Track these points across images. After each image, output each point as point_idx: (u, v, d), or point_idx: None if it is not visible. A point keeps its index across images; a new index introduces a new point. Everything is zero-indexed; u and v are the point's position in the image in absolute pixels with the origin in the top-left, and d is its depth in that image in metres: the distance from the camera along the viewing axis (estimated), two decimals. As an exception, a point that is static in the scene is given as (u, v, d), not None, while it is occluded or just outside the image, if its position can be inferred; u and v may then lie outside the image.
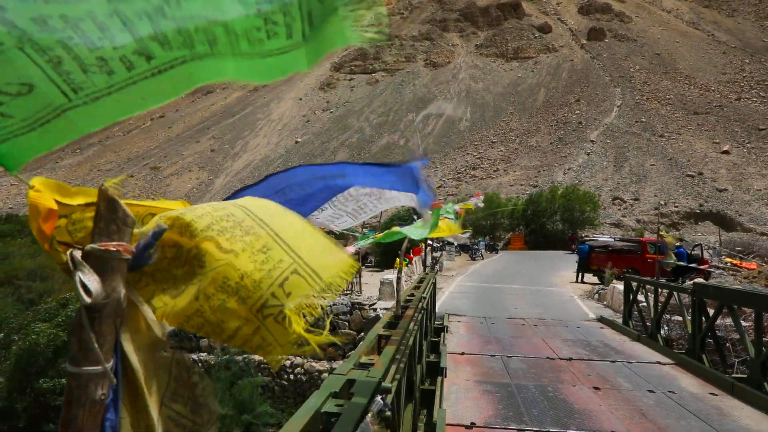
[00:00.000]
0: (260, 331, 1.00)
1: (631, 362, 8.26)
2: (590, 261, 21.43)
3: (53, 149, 1.04)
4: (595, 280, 21.04)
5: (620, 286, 14.38)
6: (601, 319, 12.60)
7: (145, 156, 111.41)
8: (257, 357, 15.11)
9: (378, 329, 3.27)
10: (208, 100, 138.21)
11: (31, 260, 26.98)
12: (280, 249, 1.05)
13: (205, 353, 15.76)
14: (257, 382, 14.05)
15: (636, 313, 11.25)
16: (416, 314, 4.40)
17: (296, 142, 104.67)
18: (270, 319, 0.99)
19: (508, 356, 8.53)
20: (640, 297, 11.16)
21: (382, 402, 2.01)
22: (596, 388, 6.75)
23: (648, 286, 10.66)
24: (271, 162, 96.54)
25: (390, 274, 17.36)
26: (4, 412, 11.62)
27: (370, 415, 1.87)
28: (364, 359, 2.48)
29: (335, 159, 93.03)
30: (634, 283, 11.34)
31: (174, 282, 0.99)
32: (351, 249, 3.49)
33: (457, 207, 7.07)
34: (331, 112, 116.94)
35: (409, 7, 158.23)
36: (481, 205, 8.76)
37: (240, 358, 14.79)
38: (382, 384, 2.12)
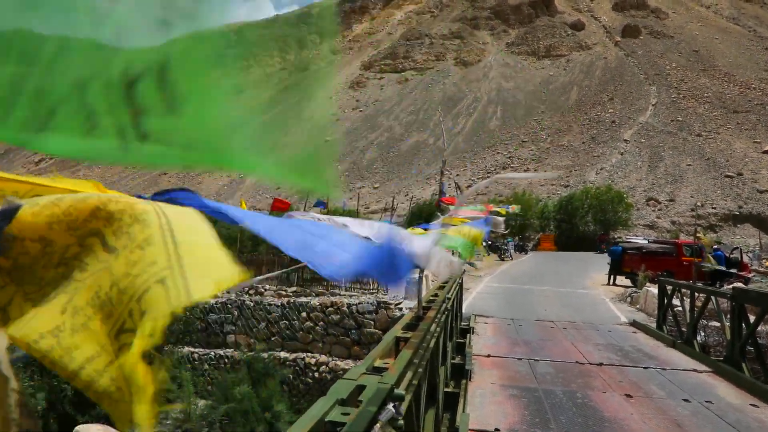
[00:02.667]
0: (110, 368, 0.71)
1: (665, 369, 7.91)
2: (623, 263, 20.86)
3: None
4: (628, 282, 20.49)
5: (654, 289, 13.92)
6: (634, 323, 12.19)
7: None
8: (282, 354, 15.17)
9: (396, 331, 3.12)
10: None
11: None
12: (162, 245, 0.77)
13: (231, 349, 15.86)
14: (280, 376, 14.07)
15: (671, 317, 10.84)
16: (439, 315, 4.24)
17: (325, 141, 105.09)
18: (125, 352, 0.70)
19: (535, 360, 8.28)
20: (675, 301, 10.74)
21: (393, 410, 1.86)
22: (628, 396, 6.47)
23: (684, 290, 10.25)
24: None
25: (417, 274, 17.17)
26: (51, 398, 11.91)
27: (378, 425, 1.73)
28: (378, 363, 2.34)
29: (364, 158, 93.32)
30: (669, 287, 10.92)
31: (40, 286, 0.77)
32: None
33: (506, 208, 7.00)
34: (360, 110, 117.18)
35: (439, 6, 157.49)
36: (516, 211, 8.64)
37: (265, 355, 14.84)
38: (395, 391, 1.98)
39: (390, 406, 1.87)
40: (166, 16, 0.94)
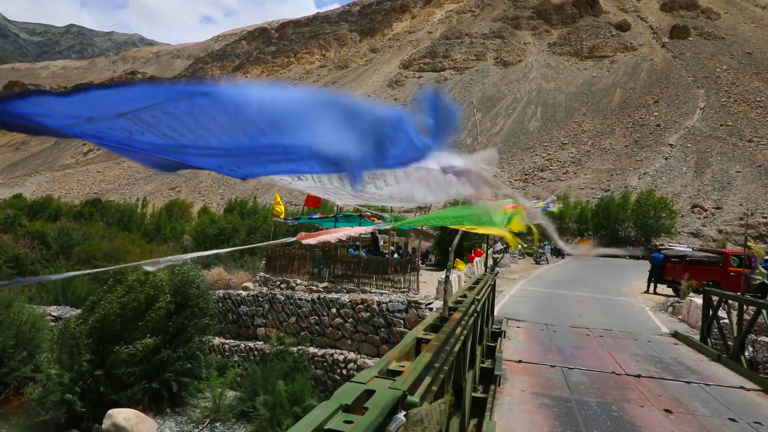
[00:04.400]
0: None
1: (709, 385, 7.46)
2: (665, 271, 20.07)
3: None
4: (670, 291, 19.70)
5: (698, 299, 13.28)
6: (676, 335, 11.63)
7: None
8: (311, 349, 15.14)
9: (417, 331, 2.91)
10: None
11: (109, 242, 28.52)
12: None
13: (261, 342, 15.92)
14: (311, 373, 14.03)
15: (716, 330, 10.28)
16: (466, 317, 4.01)
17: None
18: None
19: (569, 368, 7.94)
20: (722, 313, 10.18)
21: (404, 419, 1.67)
22: (668, 411, 6.09)
23: (731, 302, 9.70)
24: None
25: (444, 273, 16.90)
26: (82, 382, 12.14)
27: (386, 438, 1.53)
28: (394, 365, 2.13)
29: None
30: (716, 297, 10.36)
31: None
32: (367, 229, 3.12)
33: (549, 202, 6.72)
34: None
35: (480, 5, 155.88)
36: (555, 210, 8.27)
37: (295, 349, 14.82)
38: (408, 398, 1.78)
39: (400, 414, 1.68)
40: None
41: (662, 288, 20.35)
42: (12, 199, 45.92)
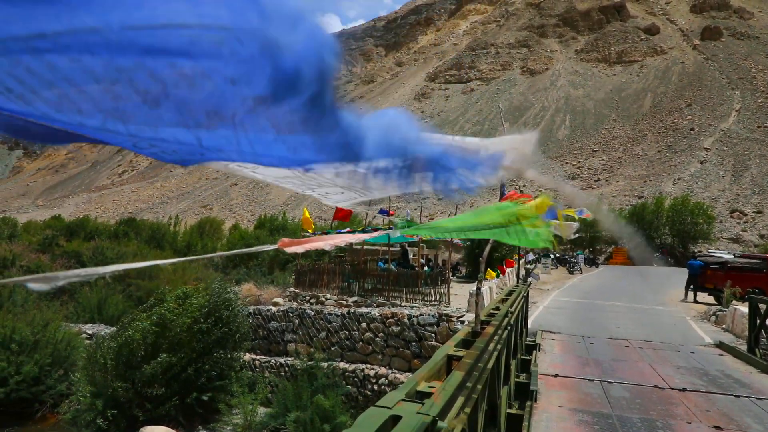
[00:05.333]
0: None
1: (761, 398, 7.04)
2: (705, 279, 19.34)
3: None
4: (711, 299, 18.96)
5: (743, 307, 12.70)
6: (720, 345, 11.09)
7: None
8: (342, 364, 14.99)
9: (448, 348, 2.74)
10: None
11: (141, 260, 28.99)
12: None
13: (291, 357, 15.85)
14: (343, 389, 13.89)
15: (764, 340, 9.78)
16: (499, 331, 3.83)
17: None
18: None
19: (608, 382, 7.61)
20: (770, 322, 9.68)
21: (434, 450, 1.52)
22: (717, 428, 5.74)
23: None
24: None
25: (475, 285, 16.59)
26: (113, 402, 12.26)
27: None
28: (423, 386, 1.98)
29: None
30: (763, 305, 9.85)
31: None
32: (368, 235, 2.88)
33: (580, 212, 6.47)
34: (426, 121, 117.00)
35: (505, 15, 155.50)
36: (590, 218, 8.03)
37: (324, 364, 14.70)
38: (438, 423, 1.62)
39: (430, 443, 1.53)
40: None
41: (703, 296, 19.61)
42: (51, 220, 47.31)
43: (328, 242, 1.66)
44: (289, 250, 1.40)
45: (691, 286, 19.95)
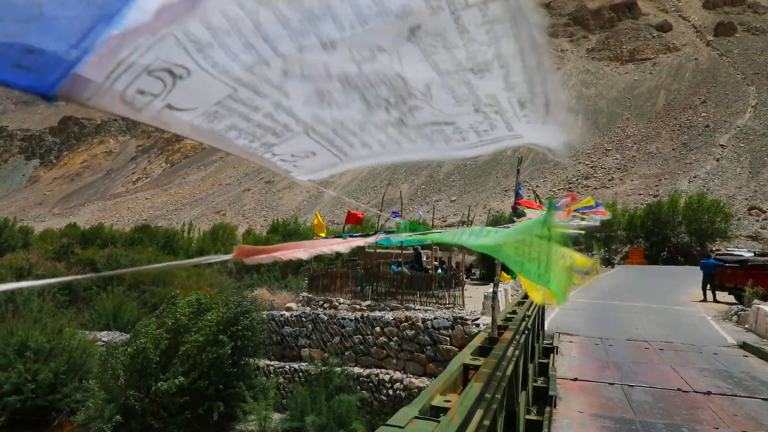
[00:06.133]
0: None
1: (790, 401, 6.80)
2: (724, 277, 18.96)
3: None
4: (731, 299, 18.58)
5: (766, 307, 12.39)
6: (744, 346, 10.79)
7: (260, 171, 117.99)
8: (356, 369, 14.86)
9: (464, 356, 2.60)
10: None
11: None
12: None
13: (306, 363, 15.75)
14: (358, 395, 13.75)
15: (790, 340, 9.48)
16: (517, 336, 3.67)
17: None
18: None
19: (630, 385, 7.40)
20: (796, 321, 9.39)
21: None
22: (746, 433, 5.53)
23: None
24: (378, 175, 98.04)
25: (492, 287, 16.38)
26: (126, 410, 12.22)
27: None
28: (438, 400, 1.84)
29: (441, 171, 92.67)
30: (788, 305, 9.56)
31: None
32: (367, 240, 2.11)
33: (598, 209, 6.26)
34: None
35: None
36: (607, 217, 7.78)
37: (339, 369, 14.58)
38: (457, 443, 1.48)
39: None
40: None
41: (722, 295, 19.23)
42: (67, 228, 47.78)
43: (307, 250, 1.27)
44: (250, 260, 1.10)
45: (708, 286, 19.59)
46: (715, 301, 19.01)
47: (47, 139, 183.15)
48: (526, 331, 4.95)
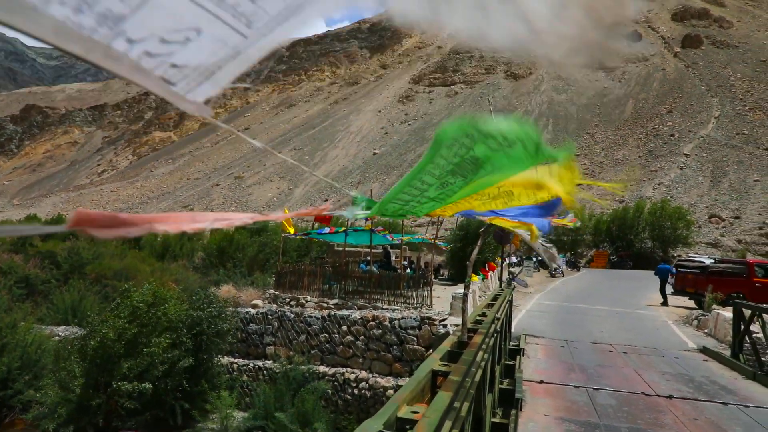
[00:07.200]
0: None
1: (748, 406, 6.91)
2: (685, 283, 19.44)
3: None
4: (691, 303, 19.03)
5: (725, 312, 12.68)
6: (704, 350, 11.01)
7: (230, 166, 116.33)
8: (321, 368, 14.67)
9: (432, 362, 2.48)
10: (291, 113, 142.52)
11: (119, 261, 28.41)
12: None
13: (270, 361, 15.49)
14: (320, 387, 13.54)
15: (748, 345, 9.70)
16: (486, 339, 3.58)
17: (374, 153, 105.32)
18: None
19: (594, 388, 7.43)
20: (754, 327, 9.61)
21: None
22: (707, 437, 5.58)
23: (766, 315, 9.13)
24: (349, 173, 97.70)
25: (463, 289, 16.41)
26: (81, 408, 11.75)
27: None
28: (404, 411, 1.71)
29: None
30: (748, 311, 9.78)
31: None
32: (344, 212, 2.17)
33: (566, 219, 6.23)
34: (409, 124, 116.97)
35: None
36: (576, 224, 7.81)
37: (304, 368, 14.38)
38: (422, 458, 1.36)
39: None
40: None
41: (683, 300, 19.69)
42: (26, 220, 46.15)
43: (187, 223, 0.96)
44: (101, 234, 0.73)
45: (664, 291, 20.19)
46: (664, 304, 19.53)
47: (8, 128, 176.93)
48: (495, 334, 4.88)
